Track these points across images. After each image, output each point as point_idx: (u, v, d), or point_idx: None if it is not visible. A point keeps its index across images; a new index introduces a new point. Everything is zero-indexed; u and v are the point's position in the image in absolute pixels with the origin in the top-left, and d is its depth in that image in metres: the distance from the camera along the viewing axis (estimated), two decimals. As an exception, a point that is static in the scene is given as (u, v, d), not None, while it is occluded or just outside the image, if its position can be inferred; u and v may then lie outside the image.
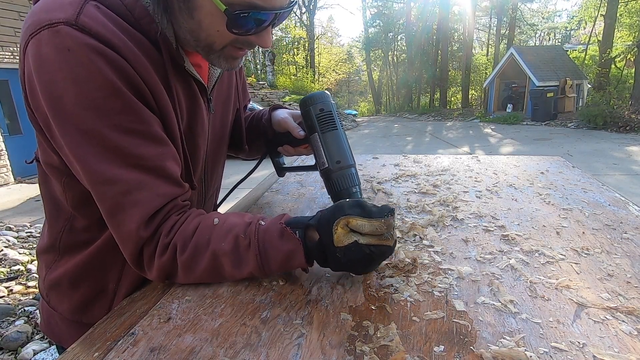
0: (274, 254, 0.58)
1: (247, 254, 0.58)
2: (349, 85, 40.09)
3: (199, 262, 0.58)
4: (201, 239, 0.58)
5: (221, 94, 0.80)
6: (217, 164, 0.84)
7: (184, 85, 0.66)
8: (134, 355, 0.47)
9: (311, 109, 0.73)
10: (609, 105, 10.92)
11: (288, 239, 0.58)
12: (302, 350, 0.47)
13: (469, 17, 20.96)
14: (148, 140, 0.57)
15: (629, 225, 0.81)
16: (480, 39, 30.99)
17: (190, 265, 0.58)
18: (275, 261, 0.58)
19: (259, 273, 0.59)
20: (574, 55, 17.03)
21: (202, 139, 0.73)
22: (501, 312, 0.54)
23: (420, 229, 0.80)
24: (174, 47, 0.61)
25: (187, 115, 0.68)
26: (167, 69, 0.60)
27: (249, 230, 0.59)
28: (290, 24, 27.72)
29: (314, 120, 0.73)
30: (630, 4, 14.37)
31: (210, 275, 0.60)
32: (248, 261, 0.58)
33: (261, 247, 0.58)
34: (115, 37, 0.53)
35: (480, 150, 8.19)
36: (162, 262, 0.58)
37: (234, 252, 0.58)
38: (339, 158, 0.71)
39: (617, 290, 0.58)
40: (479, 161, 1.40)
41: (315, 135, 0.73)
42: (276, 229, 0.59)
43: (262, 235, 0.59)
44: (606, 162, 6.35)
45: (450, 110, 19.83)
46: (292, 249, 0.58)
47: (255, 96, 13.94)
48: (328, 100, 0.74)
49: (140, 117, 0.56)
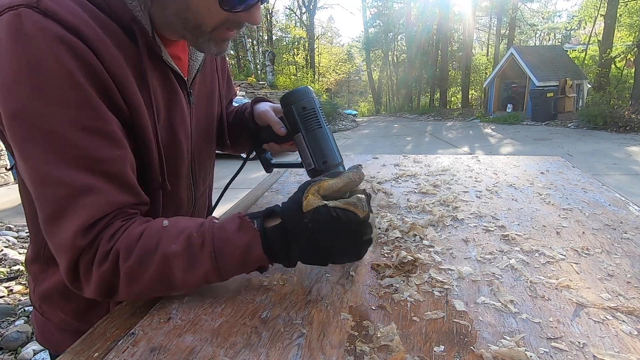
0: (229, 250, 0.52)
1: (201, 254, 0.52)
2: (349, 85, 40.10)
3: (146, 269, 0.51)
4: (149, 243, 0.52)
5: (204, 87, 0.76)
6: (205, 160, 0.81)
7: (161, 77, 0.62)
8: (134, 355, 0.47)
9: (293, 108, 0.69)
10: (609, 105, 10.93)
11: (246, 230, 0.53)
12: (302, 350, 0.47)
13: (469, 17, 20.98)
14: (105, 141, 0.51)
15: (629, 225, 0.81)
16: (480, 39, 31.01)
17: (135, 273, 0.51)
18: (232, 258, 0.53)
19: (215, 275, 0.53)
20: (574, 55, 17.04)
21: (184, 134, 0.69)
22: (501, 312, 0.54)
23: (420, 229, 0.80)
24: (151, 36, 0.57)
25: (164, 109, 0.64)
26: (142, 59, 0.57)
27: (203, 228, 0.54)
28: (290, 24, 27.75)
29: (297, 119, 0.68)
30: (630, 4, 14.37)
31: (159, 283, 0.52)
32: (202, 262, 0.52)
33: (216, 244, 0.52)
34: (82, 23, 0.49)
35: (480, 150, 8.20)
36: (102, 272, 0.51)
37: (187, 253, 0.52)
38: (325, 158, 0.68)
39: (617, 290, 0.58)
40: (479, 161, 1.40)
41: (299, 136, 0.69)
42: (234, 223, 0.54)
43: (217, 232, 0.53)
44: (606, 162, 6.35)
45: (450, 110, 19.84)
46: (249, 240, 0.53)
47: (255, 96, 13.94)
48: (311, 96, 0.69)
49: (99, 114, 0.50)
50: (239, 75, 16.18)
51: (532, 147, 8.08)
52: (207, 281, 0.54)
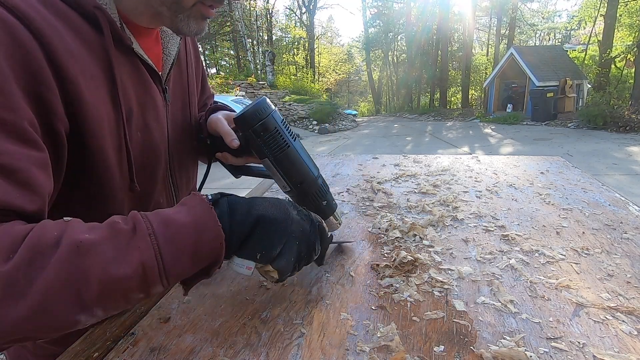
0: (176, 231, 0.42)
1: (132, 239, 0.40)
2: (349, 85, 40.11)
3: (41, 270, 0.36)
4: (45, 236, 0.37)
5: (180, 84, 0.70)
6: (185, 161, 0.74)
7: (131, 71, 0.56)
8: (134, 355, 0.47)
9: (252, 133, 0.58)
10: (609, 105, 10.93)
11: (193, 205, 0.45)
12: (302, 350, 0.47)
13: (469, 17, 20.98)
14: (5, 133, 0.40)
15: (629, 225, 0.81)
16: (480, 39, 31.01)
17: (22, 281, 0.35)
18: (182, 242, 0.42)
19: (155, 269, 0.40)
20: (574, 55, 17.03)
21: (160, 133, 0.63)
22: (501, 312, 0.54)
23: (420, 229, 0.80)
24: (119, 25, 0.52)
25: (137, 106, 0.58)
26: (107, 50, 0.51)
27: (131, 216, 0.43)
28: (290, 24, 27.78)
29: (259, 145, 0.59)
30: (630, 4, 14.37)
31: (59, 294, 0.36)
32: (135, 248, 0.40)
33: (156, 227, 0.42)
34: (30, 7, 0.43)
35: (480, 150, 8.20)
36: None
37: (110, 241, 0.39)
38: (301, 179, 0.62)
39: (617, 290, 0.58)
40: (479, 161, 1.40)
41: (267, 161, 0.61)
42: (176, 207, 0.46)
43: (154, 217, 0.43)
44: (606, 162, 6.35)
45: (450, 110, 19.84)
46: (201, 214, 0.44)
47: (255, 96, 13.94)
48: (269, 111, 0.58)
49: (9, 103, 0.40)
50: (239, 76, 16.20)
51: (532, 147, 8.08)
52: (144, 281, 0.40)
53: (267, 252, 0.48)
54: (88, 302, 0.37)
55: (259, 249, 0.48)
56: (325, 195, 0.66)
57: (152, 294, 0.42)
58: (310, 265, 0.66)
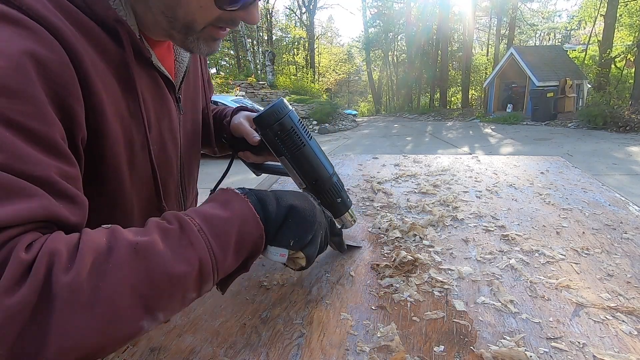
0: (220, 226, 0.43)
1: (184, 239, 0.40)
2: (349, 85, 40.11)
3: (104, 273, 0.34)
4: (97, 243, 0.36)
5: (189, 91, 0.70)
6: (192, 170, 0.76)
7: (150, 84, 0.56)
8: (134, 356, 0.47)
9: (269, 132, 0.61)
10: (609, 105, 10.93)
11: (227, 200, 0.47)
12: (302, 350, 0.47)
13: (469, 17, 20.98)
14: (39, 146, 0.38)
15: (629, 225, 0.81)
16: (480, 39, 31.01)
17: (86, 285, 0.33)
18: (227, 236, 0.43)
19: (209, 267, 0.41)
20: (574, 55, 17.03)
21: (173, 146, 0.64)
22: (501, 312, 0.54)
23: (420, 229, 0.80)
24: (138, 38, 0.51)
25: (155, 119, 0.57)
26: (129, 64, 0.50)
27: (172, 215, 0.43)
28: (290, 24, 27.78)
29: (277, 144, 0.62)
30: (630, 4, 14.37)
31: (128, 293, 0.35)
32: (189, 247, 0.40)
33: (201, 223, 0.42)
34: (59, 20, 0.42)
35: (480, 150, 8.20)
36: (19, 301, 0.30)
37: (164, 241, 0.39)
38: (316, 176, 0.64)
39: (617, 290, 0.58)
40: (479, 161, 1.40)
41: (284, 159, 0.64)
42: (209, 204, 0.47)
43: (194, 214, 0.43)
44: (606, 162, 6.35)
45: (450, 110, 19.84)
46: (239, 208, 0.46)
47: (256, 96, 13.94)
48: (286, 112, 0.61)
49: (42, 116, 0.38)
50: (239, 75, 16.19)
51: (532, 147, 8.08)
52: (200, 279, 0.40)
53: (299, 239, 0.51)
54: (152, 305, 0.37)
55: (292, 237, 0.50)
56: (340, 192, 0.68)
57: (202, 293, 0.42)
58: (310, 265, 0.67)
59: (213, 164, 2.09)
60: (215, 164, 0.73)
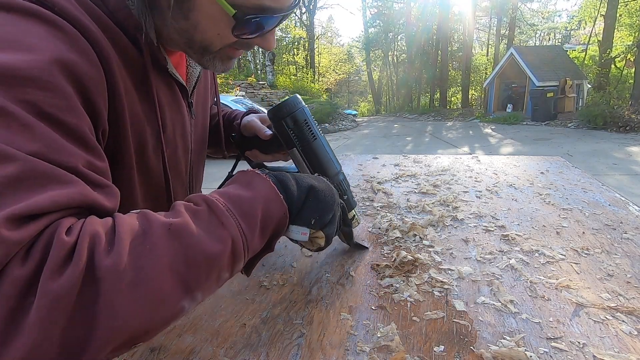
0: (246, 206, 0.43)
1: (214, 219, 0.41)
2: (349, 85, 40.11)
3: (143, 254, 0.35)
4: (131, 225, 0.37)
5: (200, 96, 0.72)
6: (199, 173, 0.77)
7: (165, 89, 0.58)
8: (133, 355, 0.47)
9: (283, 123, 0.65)
10: (609, 105, 10.93)
11: (249, 180, 0.47)
12: (302, 350, 0.47)
13: (469, 18, 20.98)
14: (73, 139, 0.39)
15: (629, 225, 0.81)
16: (480, 39, 31.02)
17: (129, 267, 0.33)
18: (254, 216, 0.43)
19: (241, 245, 0.42)
20: (574, 55, 17.03)
21: (184, 150, 0.66)
22: (501, 312, 0.54)
23: (420, 229, 0.80)
24: (156, 46, 0.53)
25: (169, 124, 0.59)
26: (147, 70, 0.52)
27: (198, 197, 0.44)
28: (290, 24, 27.77)
29: (289, 135, 0.65)
30: (630, 4, 14.37)
31: (169, 273, 0.35)
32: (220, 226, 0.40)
33: (228, 203, 0.43)
34: (89, 21, 0.44)
35: (480, 150, 8.19)
36: (64, 285, 0.30)
37: (195, 221, 0.40)
38: (325, 170, 0.66)
39: (617, 290, 0.58)
40: (479, 161, 1.40)
41: (294, 151, 0.66)
42: (231, 185, 0.47)
43: (220, 195, 0.44)
44: (606, 162, 6.35)
45: (450, 110, 19.84)
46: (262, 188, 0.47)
47: (256, 96, 13.93)
48: (300, 106, 0.65)
49: (73, 108, 0.39)
50: (239, 76, 16.18)
51: (532, 147, 8.08)
52: (233, 258, 0.41)
53: (320, 218, 0.52)
54: (191, 285, 0.37)
55: (314, 215, 0.51)
56: (346, 191, 0.70)
57: (234, 273, 0.43)
58: (310, 265, 0.67)
59: (213, 164, 2.09)
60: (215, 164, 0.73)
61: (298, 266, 0.69)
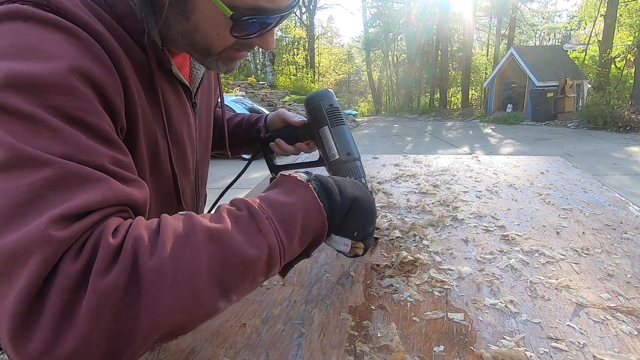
0: (286, 212, 0.44)
1: (254, 225, 0.42)
2: (349, 85, 40.09)
3: (184, 256, 0.36)
4: (175, 227, 0.38)
5: (204, 97, 0.74)
6: (205, 172, 0.79)
7: (170, 91, 0.59)
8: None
9: (321, 104, 0.76)
10: (609, 105, 10.92)
11: (291, 186, 0.48)
12: (302, 350, 0.47)
13: (469, 18, 20.98)
14: (99, 139, 0.41)
15: (629, 225, 0.81)
16: (480, 39, 31.00)
17: (170, 267, 0.35)
18: (293, 223, 0.44)
19: (277, 252, 0.42)
20: (574, 55, 17.03)
21: (190, 150, 0.67)
22: (501, 312, 0.54)
23: (420, 229, 0.80)
24: (160, 49, 0.55)
25: (176, 125, 0.61)
26: (153, 72, 0.54)
27: (240, 202, 0.44)
28: (290, 24, 27.78)
29: (324, 114, 0.75)
30: (630, 4, 14.37)
31: (207, 276, 0.37)
32: (259, 233, 0.41)
33: (268, 210, 0.43)
34: (100, 27, 0.45)
35: (480, 150, 8.19)
36: (109, 284, 0.33)
37: (236, 227, 0.41)
38: (349, 150, 0.73)
39: (617, 290, 0.58)
40: (479, 161, 1.40)
41: (326, 129, 0.75)
42: (273, 190, 0.48)
43: (261, 200, 0.45)
44: (606, 162, 6.35)
45: (450, 110, 19.83)
46: (303, 195, 0.46)
47: (256, 96, 13.93)
48: (334, 97, 0.77)
49: (93, 108, 0.41)
50: (239, 76, 16.16)
51: (532, 147, 8.08)
52: (269, 264, 0.42)
53: (363, 230, 0.53)
54: (228, 287, 0.39)
55: (357, 228, 0.52)
56: (363, 176, 0.74)
57: (269, 277, 0.44)
58: (310, 265, 0.67)
59: (213, 165, 2.09)
60: (215, 165, 0.74)
61: (298, 266, 0.69)
